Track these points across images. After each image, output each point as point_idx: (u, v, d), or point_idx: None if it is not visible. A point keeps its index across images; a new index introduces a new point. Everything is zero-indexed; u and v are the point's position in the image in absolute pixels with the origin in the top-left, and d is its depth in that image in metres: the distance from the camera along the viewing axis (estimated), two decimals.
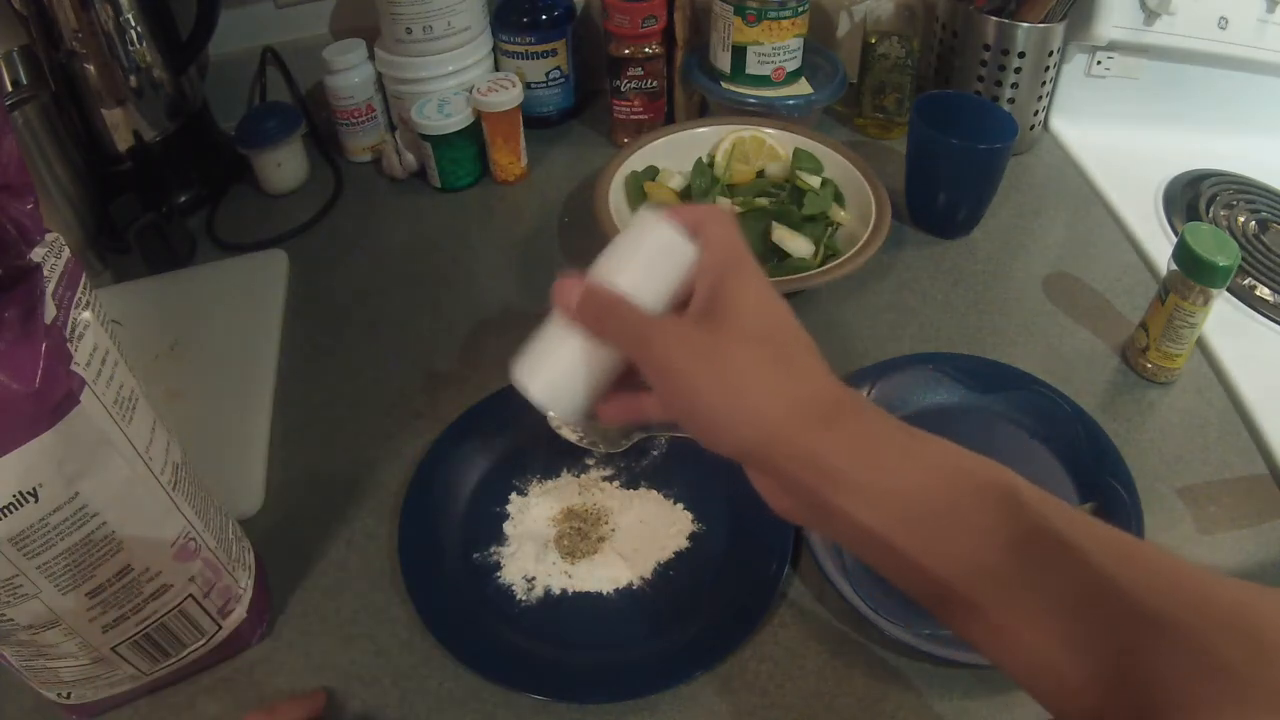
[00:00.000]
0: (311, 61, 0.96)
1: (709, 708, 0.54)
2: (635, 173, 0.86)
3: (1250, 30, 0.91)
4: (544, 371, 0.45)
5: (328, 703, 0.55)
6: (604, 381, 0.44)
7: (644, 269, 0.43)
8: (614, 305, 0.42)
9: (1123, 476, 0.63)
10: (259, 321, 0.79)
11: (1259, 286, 0.81)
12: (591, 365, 0.44)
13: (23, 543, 0.41)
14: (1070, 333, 0.77)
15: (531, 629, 0.58)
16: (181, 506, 0.49)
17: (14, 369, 0.38)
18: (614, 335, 0.42)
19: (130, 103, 0.85)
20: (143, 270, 0.84)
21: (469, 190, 0.95)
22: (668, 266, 0.43)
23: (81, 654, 0.48)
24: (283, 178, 0.93)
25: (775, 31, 0.91)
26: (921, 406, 0.70)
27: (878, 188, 0.82)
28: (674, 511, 0.64)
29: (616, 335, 0.42)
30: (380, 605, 0.60)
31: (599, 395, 0.45)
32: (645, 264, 0.43)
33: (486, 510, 0.64)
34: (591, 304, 0.43)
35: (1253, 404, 0.70)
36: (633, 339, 0.41)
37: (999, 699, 0.54)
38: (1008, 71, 0.91)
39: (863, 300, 0.81)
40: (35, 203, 0.42)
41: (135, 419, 0.45)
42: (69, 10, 0.78)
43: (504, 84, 0.90)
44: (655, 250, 0.43)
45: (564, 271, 0.44)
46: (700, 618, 0.58)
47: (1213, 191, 0.91)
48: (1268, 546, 0.62)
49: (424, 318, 0.80)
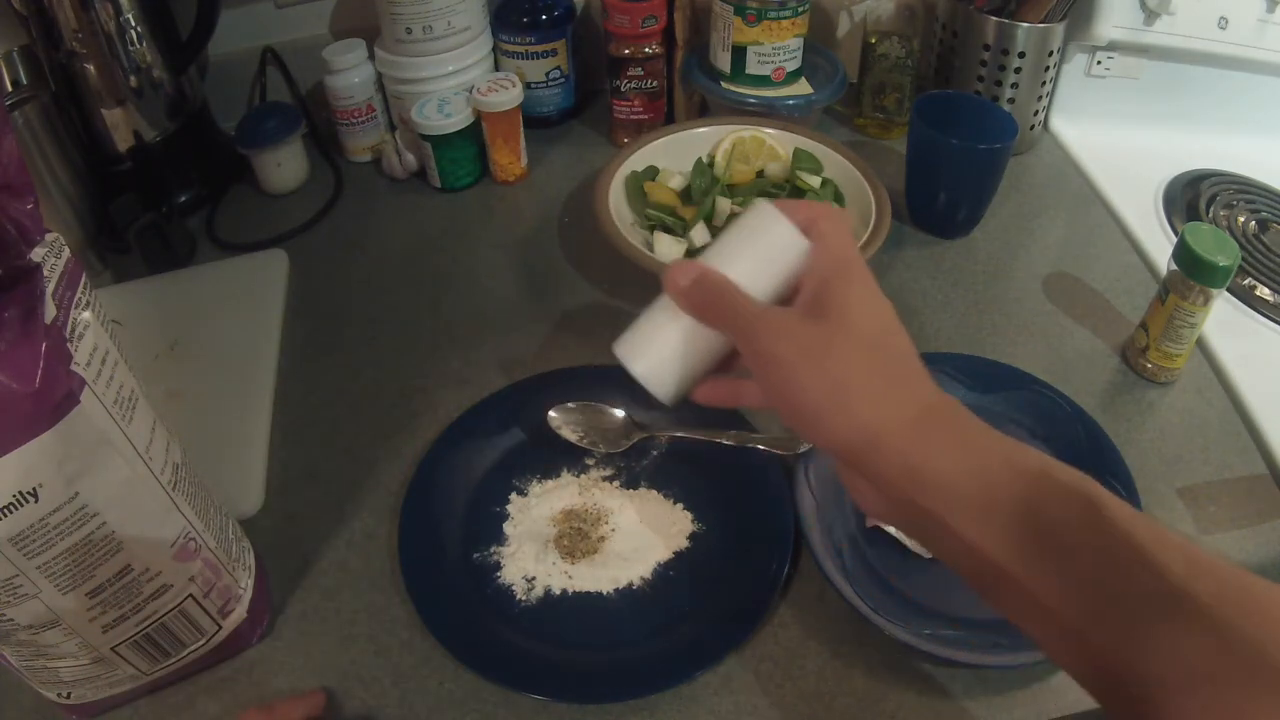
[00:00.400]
0: (311, 61, 0.96)
1: (709, 708, 0.54)
2: (635, 173, 0.86)
3: (1250, 30, 0.91)
4: (648, 351, 0.46)
5: (327, 703, 0.55)
6: (706, 366, 0.46)
7: (756, 261, 0.44)
8: (724, 291, 0.43)
9: (1122, 476, 0.63)
10: (259, 321, 0.79)
11: (1259, 286, 0.81)
12: (695, 348, 0.45)
13: (23, 543, 0.41)
14: (1070, 333, 0.77)
15: (531, 629, 0.58)
16: (181, 506, 0.49)
17: (14, 369, 0.38)
18: (722, 321, 0.43)
19: (130, 103, 0.85)
20: (143, 270, 0.84)
21: (469, 190, 0.95)
22: (780, 261, 0.44)
23: (81, 654, 0.48)
24: (283, 178, 0.93)
25: (775, 31, 0.91)
26: None
27: (878, 188, 0.82)
28: (674, 511, 0.64)
29: (725, 321, 0.43)
30: (380, 605, 0.60)
31: (699, 378, 0.46)
32: (758, 256, 0.44)
33: (486, 510, 0.64)
34: (702, 288, 0.43)
35: (1253, 404, 0.70)
36: (741, 327, 0.42)
37: (999, 699, 0.54)
38: (1008, 71, 0.91)
39: None
40: (35, 203, 0.42)
41: (135, 419, 0.45)
42: (69, 10, 0.78)
43: (504, 84, 0.90)
44: (769, 243, 0.44)
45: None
46: (700, 618, 0.58)
47: (1213, 191, 0.91)
48: (1268, 546, 0.62)
49: (424, 318, 0.80)
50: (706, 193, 0.84)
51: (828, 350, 0.40)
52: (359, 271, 0.86)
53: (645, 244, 0.80)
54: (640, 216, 0.84)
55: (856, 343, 0.40)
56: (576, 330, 0.78)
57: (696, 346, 0.45)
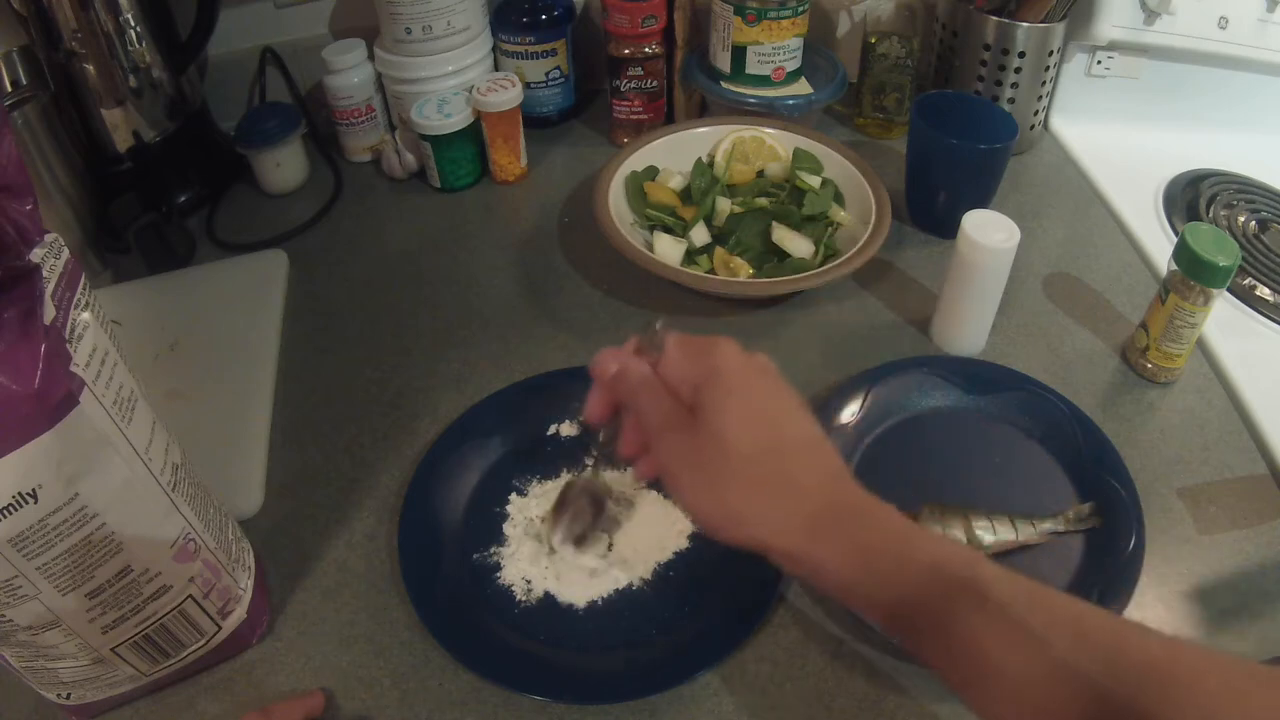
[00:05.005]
0: (311, 61, 0.96)
1: (709, 708, 0.54)
2: (635, 173, 0.86)
3: (1250, 30, 0.91)
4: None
5: (327, 703, 0.55)
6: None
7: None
8: (638, 390, 0.47)
9: (1122, 477, 0.63)
10: (259, 321, 0.79)
11: (1259, 286, 0.81)
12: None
13: (22, 544, 0.41)
14: (1070, 333, 0.77)
15: (531, 629, 0.58)
16: (181, 507, 0.49)
17: (13, 370, 0.38)
18: (637, 415, 0.47)
19: (130, 103, 0.85)
20: (143, 270, 0.84)
21: (469, 190, 0.95)
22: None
23: (81, 655, 0.48)
24: (282, 178, 0.93)
25: (775, 31, 0.91)
26: (919, 410, 0.70)
27: (878, 188, 0.82)
28: (674, 511, 0.64)
29: (639, 417, 0.47)
30: (380, 605, 0.60)
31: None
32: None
33: (486, 510, 0.64)
34: (621, 382, 0.48)
35: (1253, 404, 0.70)
36: (648, 432, 0.46)
37: None
38: (1008, 71, 0.91)
39: (863, 300, 0.81)
40: (35, 203, 0.42)
41: (135, 419, 0.45)
42: (68, 10, 0.78)
43: (504, 84, 0.90)
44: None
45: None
46: (700, 618, 0.58)
47: (1213, 191, 0.91)
48: (1268, 546, 0.62)
49: (424, 318, 0.80)
50: (706, 193, 0.84)
51: (711, 473, 0.43)
52: (359, 271, 0.86)
53: (645, 244, 0.80)
54: (640, 216, 0.84)
55: (737, 464, 0.43)
56: (576, 330, 0.78)
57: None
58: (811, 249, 0.80)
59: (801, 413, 0.45)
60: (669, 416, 0.45)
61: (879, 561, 0.41)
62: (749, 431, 0.43)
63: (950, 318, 0.74)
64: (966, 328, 0.74)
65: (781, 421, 0.44)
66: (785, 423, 0.44)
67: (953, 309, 0.74)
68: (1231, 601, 0.59)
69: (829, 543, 0.42)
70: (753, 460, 0.43)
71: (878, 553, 0.41)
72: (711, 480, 0.43)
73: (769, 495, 0.43)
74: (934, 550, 0.41)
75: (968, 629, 0.38)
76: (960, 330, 0.74)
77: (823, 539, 0.42)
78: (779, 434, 0.44)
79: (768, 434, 0.43)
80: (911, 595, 0.40)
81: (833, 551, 0.42)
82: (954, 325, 0.74)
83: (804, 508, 0.42)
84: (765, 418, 0.44)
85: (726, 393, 0.44)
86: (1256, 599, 0.59)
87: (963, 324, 0.74)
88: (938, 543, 0.42)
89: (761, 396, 0.44)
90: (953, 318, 0.74)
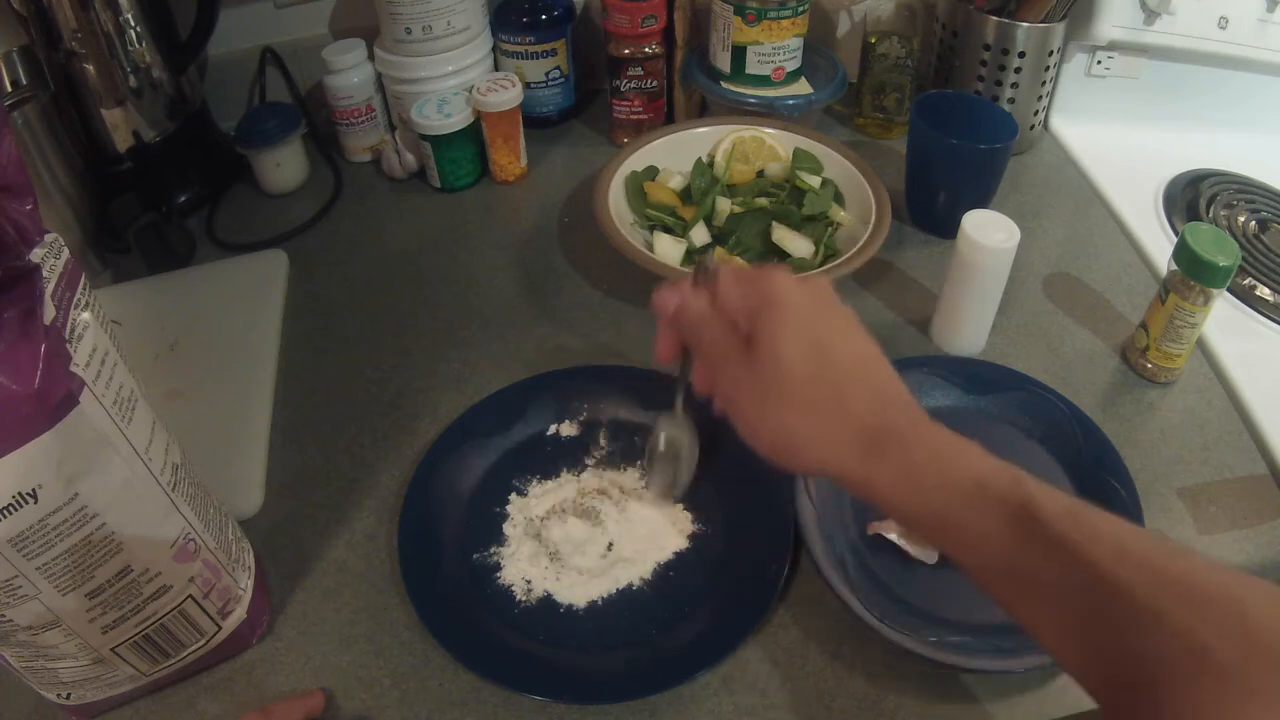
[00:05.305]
0: (311, 61, 0.96)
1: (709, 708, 0.54)
2: (635, 173, 0.86)
3: (1250, 30, 0.91)
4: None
5: (327, 703, 0.55)
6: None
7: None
8: (696, 324, 0.47)
9: (1122, 477, 0.63)
10: (259, 321, 0.79)
11: (1259, 286, 0.81)
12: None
13: (22, 544, 0.41)
14: (1070, 333, 0.77)
15: (531, 629, 0.58)
16: (181, 507, 0.49)
17: (13, 370, 0.38)
18: (698, 352, 0.48)
19: (130, 103, 0.85)
20: (142, 270, 0.84)
21: (469, 190, 0.95)
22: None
23: (81, 655, 0.48)
24: (282, 178, 0.93)
25: (775, 31, 0.91)
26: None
27: (878, 188, 0.82)
28: (674, 511, 0.64)
29: (700, 354, 0.48)
30: (380, 605, 0.60)
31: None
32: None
33: (486, 510, 0.64)
34: (681, 318, 0.48)
35: (1253, 404, 0.70)
36: (711, 365, 0.47)
37: (998, 704, 0.54)
38: (1008, 71, 0.91)
39: (863, 300, 0.81)
40: (35, 203, 0.42)
41: (135, 419, 0.45)
42: (68, 10, 0.78)
43: (504, 84, 0.90)
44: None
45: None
46: (700, 618, 0.58)
47: (1213, 191, 0.91)
48: (1268, 546, 0.62)
49: (424, 318, 0.80)
50: (706, 193, 0.84)
51: (767, 398, 0.44)
52: (359, 271, 0.86)
53: (645, 244, 0.80)
54: (640, 216, 0.84)
55: (792, 388, 0.43)
56: (576, 330, 0.78)
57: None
58: (811, 249, 0.80)
59: (857, 333, 0.46)
60: (727, 348, 0.45)
61: (925, 478, 0.42)
62: (803, 355, 0.44)
63: (950, 318, 0.74)
64: (966, 328, 0.74)
65: (836, 343, 0.45)
66: (840, 344, 0.45)
67: (953, 309, 0.74)
68: None
69: (879, 462, 0.42)
70: (807, 383, 0.43)
71: (924, 471, 0.42)
72: (768, 405, 0.44)
73: (822, 417, 0.43)
74: (980, 467, 0.42)
75: (1012, 543, 0.39)
76: (960, 330, 0.74)
77: (873, 459, 0.43)
78: (832, 356, 0.44)
79: (821, 357, 0.44)
80: (958, 511, 0.41)
81: (882, 470, 0.42)
82: (954, 325, 0.74)
83: (854, 428, 0.43)
84: (819, 341, 0.44)
85: (781, 319, 0.44)
86: None
87: (963, 324, 0.74)
88: (984, 459, 0.42)
89: (815, 320, 0.45)
90: (953, 318, 0.74)
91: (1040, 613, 0.39)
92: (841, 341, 0.45)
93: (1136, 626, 0.35)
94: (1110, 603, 0.36)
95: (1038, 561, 0.38)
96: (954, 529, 0.41)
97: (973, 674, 0.55)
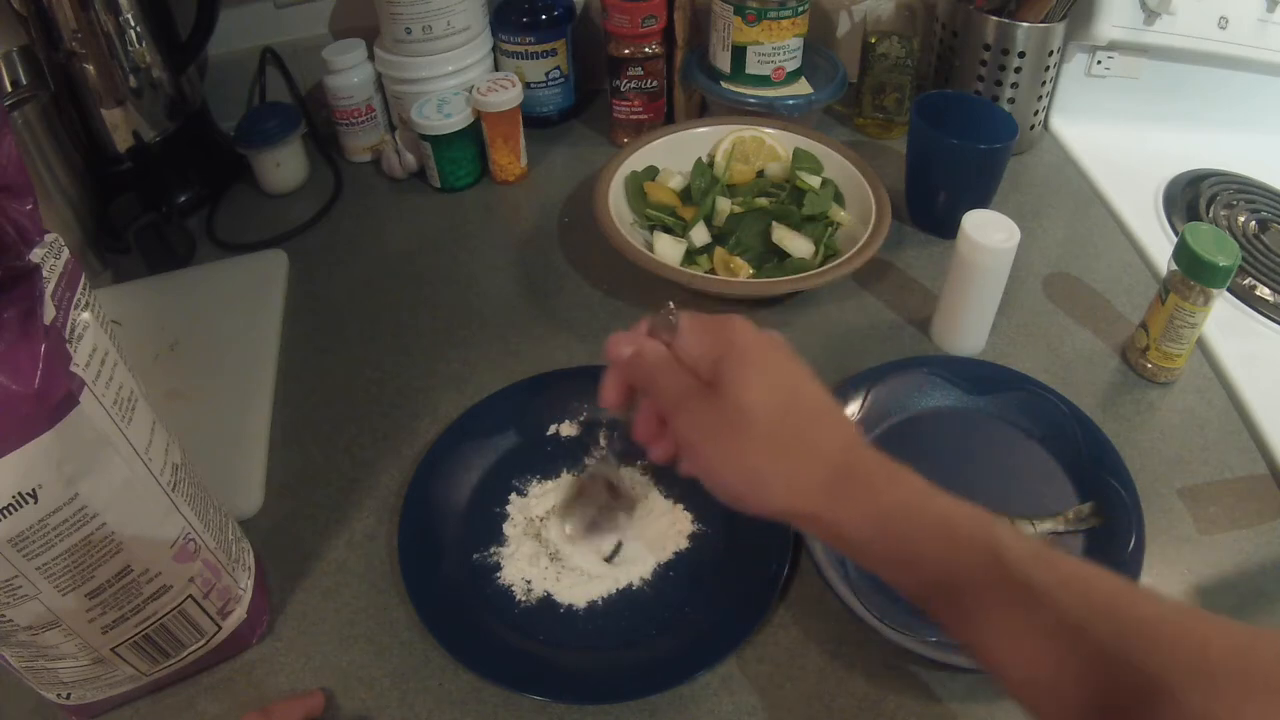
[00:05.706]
0: (311, 61, 0.96)
1: (709, 708, 0.54)
2: (635, 173, 0.86)
3: (1250, 30, 0.91)
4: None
5: (327, 703, 0.55)
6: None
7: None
8: (655, 370, 0.47)
9: (1122, 476, 0.63)
10: (259, 321, 0.79)
11: (1259, 286, 0.81)
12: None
13: (22, 544, 0.41)
14: (1070, 333, 0.77)
15: (531, 629, 0.58)
16: (181, 507, 0.49)
17: (13, 370, 0.38)
18: (655, 397, 0.47)
19: (130, 103, 0.85)
20: (142, 270, 0.84)
21: (469, 190, 0.95)
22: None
23: (81, 655, 0.48)
24: (282, 178, 0.93)
25: (775, 31, 0.91)
26: (919, 410, 0.70)
27: (878, 188, 0.82)
28: (674, 511, 0.64)
29: (656, 398, 0.47)
30: (380, 605, 0.60)
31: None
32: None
33: (486, 510, 0.64)
34: (636, 363, 0.47)
35: (1253, 404, 0.70)
36: (666, 408, 0.46)
37: (998, 703, 0.54)
38: (1008, 71, 0.91)
39: (863, 300, 0.81)
40: (35, 203, 0.42)
41: (135, 419, 0.45)
42: (68, 10, 0.78)
43: (504, 84, 0.90)
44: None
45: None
46: (700, 618, 0.58)
47: (1213, 191, 0.91)
48: (1268, 546, 0.62)
49: (424, 318, 0.80)
50: (706, 193, 0.84)
51: (734, 440, 0.44)
52: (359, 271, 0.86)
53: (645, 244, 0.80)
54: (640, 216, 0.84)
55: (759, 430, 0.43)
56: (576, 330, 0.78)
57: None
58: (811, 249, 0.80)
59: (815, 382, 0.47)
60: (687, 391, 0.45)
61: (893, 522, 0.42)
62: (768, 400, 0.44)
63: (950, 318, 0.74)
64: (966, 328, 0.74)
65: (799, 390, 0.46)
66: (802, 391, 0.46)
67: (953, 309, 0.74)
68: (1231, 601, 0.59)
69: (846, 504, 0.43)
70: (773, 426, 0.44)
71: (891, 513, 0.42)
72: (733, 448, 0.44)
73: (789, 459, 0.44)
74: (948, 510, 0.42)
75: (977, 586, 0.39)
76: (960, 330, 0.74)
77: (840, 501, 0.43)
78: (797, 401, 0.45)
79: (786, 401, 0.44)
80: (925, 554, 0.41)
81: (850, 513, 0.43)
82: (954, 325, 0.74)
83: (823, 470, 0.43)
84: (783, 387, 0.45)
85: (745, 364, 0.45)
86: (1256, 599, 0.59)
87: (963, 324, 0.74)
88: (952, 503, 0.42)
89: (777, 367, 0.45)
90: (953, 318, 0.74)
91: (1006, 654, 0.39)
92: (806, 386, 0.46)
93: (1102, 671, 0.35)
94: (1075, 648, 0.36)
95: (1003, 605, 0.39)
96: (920, 570, 0.42)
97: (973, 674, 0.55)
